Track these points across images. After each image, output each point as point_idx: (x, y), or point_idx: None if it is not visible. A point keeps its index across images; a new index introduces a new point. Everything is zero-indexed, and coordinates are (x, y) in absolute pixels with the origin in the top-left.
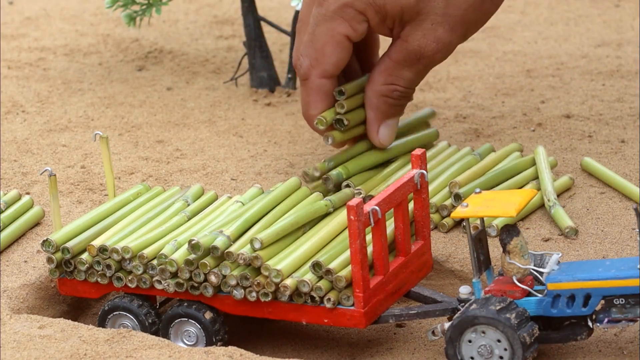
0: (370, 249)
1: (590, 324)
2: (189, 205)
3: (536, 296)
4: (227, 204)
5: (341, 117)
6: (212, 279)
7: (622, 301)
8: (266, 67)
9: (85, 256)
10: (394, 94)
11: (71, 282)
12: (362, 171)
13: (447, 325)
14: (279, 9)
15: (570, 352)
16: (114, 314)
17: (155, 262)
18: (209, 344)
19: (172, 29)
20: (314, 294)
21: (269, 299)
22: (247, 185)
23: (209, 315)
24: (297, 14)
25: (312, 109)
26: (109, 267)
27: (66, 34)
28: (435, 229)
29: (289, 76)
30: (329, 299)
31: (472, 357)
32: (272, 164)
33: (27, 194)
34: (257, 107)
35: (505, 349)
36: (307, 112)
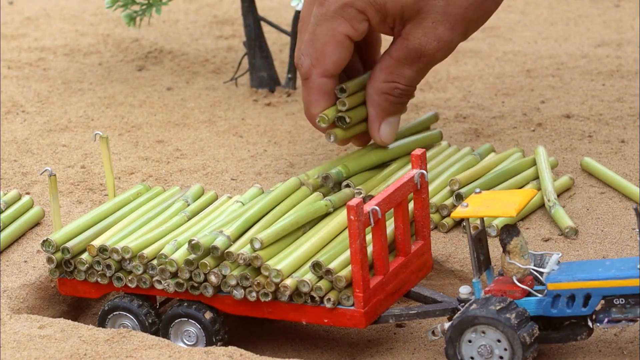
0: (370, 249)
1: (590, 324)
2: (189, 205)
3: (536, 296)
4: (227, 204)
5: (343, 115)
6: (212, 279)
7: (622, 301)
8: (266, 67)
9: (85, 256)
10: (395, 92)
11: (71, 282)
12: (363, 171)
13: (447, 325)
14: (279, 9)
15: (570, 352)
16: (114, 314)
17: (155, 262)
18: (209, 344)
19: (172, 29)
20: (314, 294)
21: (269, 299)
22: (247, 185)
23: (209, 315)
24: (298, 14)
25: (313, 108)
26: (109, 267)
27: (66, 34)
28: (435, 229)
29: (289, 76)
30: (329, 299)
31: (472, 357)
32: (272, 164)
33: (27, 194)
34: (257, 107)
35: (505, 349)
36: (308, 111)
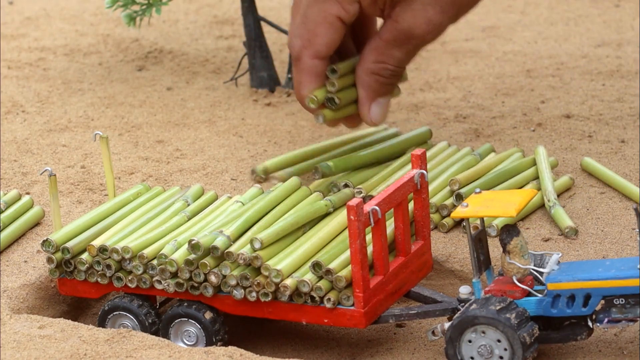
0: (370, 249)
1: (590, 324)
2: (189, 205)
3: (536, 296)
4: (227, 204)
5: (332, 96)
6: (212, 279)
7: (622, 301)
8: (266, 67)
9: (85, 256)
10: (385, 73)
11: (71, 282)
12: (351, 168)
13: (447, 325)
14: (279, 9)
15: (570, 352)
16: (114, 314)
17: (155, 262)
18: (209, 344)
19: (172, 29)
20: (314, 294)
21: (269, 299)
22: (247, 185)
23: (209, 315)
24: None
25: (304, 89)
26: (109, 267)
27: (66, 34)
28: (435, 229)
29: (289, 76)
30: (329, 299)
31: (472, 357)
32: None
33: (27, 194)
34: (257, 107)
35: (505, 349)
36: (299, 92)
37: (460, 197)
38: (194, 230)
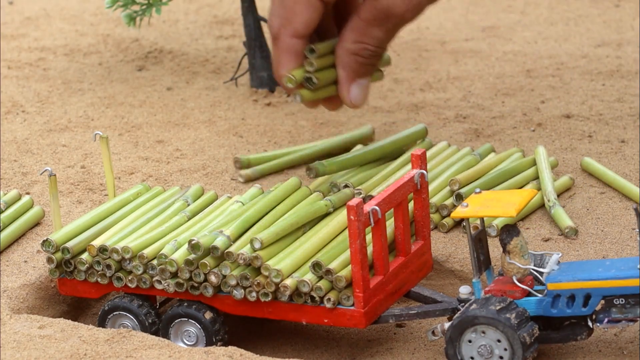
0: (370, 249)
1: (590, 324)
2: (189, 205)
3: (536, 296)
4: (227, 204)
5: (310, 76)
6: (212, 279)
7: (622, 301)
8: (266, 67)
9: (85, 256)
10: (364, 53)
11: (71, 282)
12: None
13: (447, 325)
14: None
15: (570, 352)
16: (114, 314)
17: (155, 262)
18: (209, 344)
19: (172, 29)
20: (314, 294)
21: (269, 299)
22: (247, 185)
23: (209, 315)
24: None
25: (282, 68)
26: (109, 267)
27: (66, 34)
28: (435, 229)
29: None
30: (329, 299)
31: (472, 357)
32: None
33: (27, 194)
34: (257, 107)
35: (505, 349)
36: (277, 72)
37: (460, 197)
38: (194, 230)
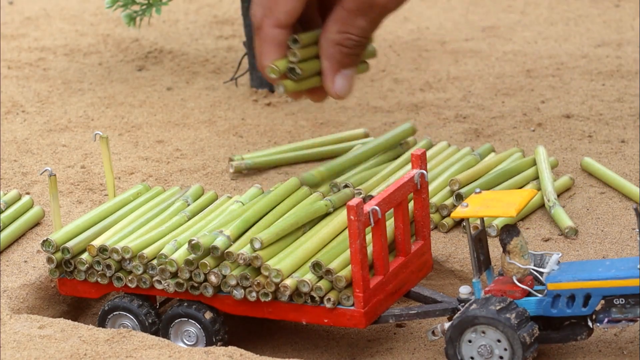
0: (370, 249)
1: (590, 324)
2: (189, 205)
3: (536, 296)
4: (227, 204)
5: (294, 66)
6: (212, 279)
7: (622, 301)
8: None
9: (85, 256)
10: (348, 43)
11: (71, 282)
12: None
13: (447, 325)
14: None
15: (570, 352)
16: (114, 314)
17: (155, 262)
18: (209, 344)
19: (172, 29)
20: (314, 294)
21: (269, 299)
22: (247, 185)
23: (209, 315)
24: None
25: (265, 59)
26: (109, 267)
27: (66, 34)
28: (435, 229)
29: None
30: (329, 299)
31: (472, 357)
32: None
33: (27, 194)
34: (257, 107)
35: (505, 349)
36: (260, 62)
37: (460, 197)
38: (194, 230)
